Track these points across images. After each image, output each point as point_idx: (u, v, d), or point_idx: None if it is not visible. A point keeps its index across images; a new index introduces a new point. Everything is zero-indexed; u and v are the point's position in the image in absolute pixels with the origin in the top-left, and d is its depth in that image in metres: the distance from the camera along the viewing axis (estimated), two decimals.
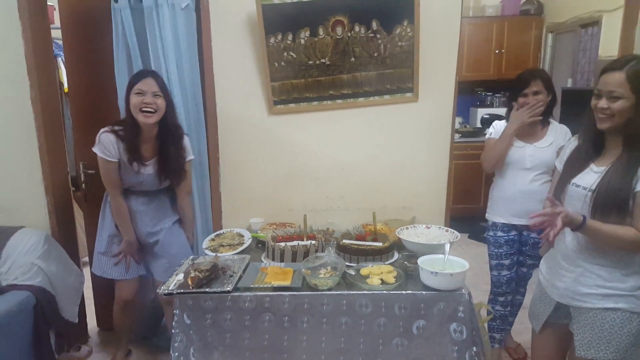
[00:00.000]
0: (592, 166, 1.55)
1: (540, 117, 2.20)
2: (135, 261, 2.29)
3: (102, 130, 2.06)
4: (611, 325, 1.50)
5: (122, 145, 2.04)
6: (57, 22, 2.97)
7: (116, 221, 2.19)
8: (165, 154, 2.10)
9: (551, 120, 2.30)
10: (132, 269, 2.29)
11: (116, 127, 2.07)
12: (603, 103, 1.45)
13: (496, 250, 2.37)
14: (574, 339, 1.58)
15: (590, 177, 1.52)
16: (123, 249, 2.23)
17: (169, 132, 2.09)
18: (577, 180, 1.56)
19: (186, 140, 2.19)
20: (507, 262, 2.36)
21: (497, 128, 2.35)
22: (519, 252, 2.38)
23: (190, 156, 2.21)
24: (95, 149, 2.05)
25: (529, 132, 2.26)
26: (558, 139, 2.22)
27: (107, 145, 2.03)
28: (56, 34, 2.77)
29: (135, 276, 2.32)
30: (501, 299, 2.42)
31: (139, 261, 2.31)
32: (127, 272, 2.27)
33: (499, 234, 2.35)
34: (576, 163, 1.60)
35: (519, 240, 2.35)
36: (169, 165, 2.11)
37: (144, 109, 1.97)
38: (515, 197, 2.26)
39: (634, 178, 1.42)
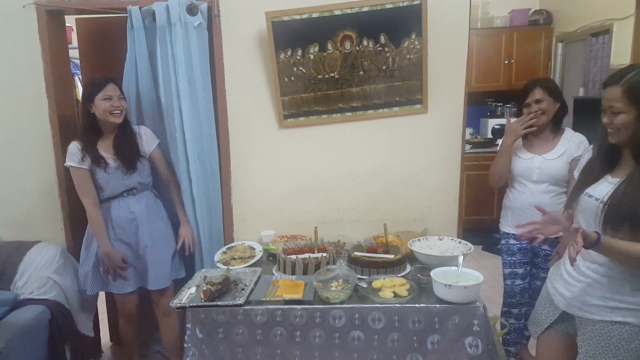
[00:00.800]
0: (607, 177, 1.51)
1: (534, 128, 2.16)
2: (134, 272, 2.24)
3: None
4: (618, 340, 1.45)
5: (86, 148, 2.16)
6: (74, 42, 3.06)
7: (92, 232, 2.20)
8: (121, 145, 2.21)
9: (567, 129, 2.25)
10: (131, 282, 2.24)
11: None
12: (606, 119, 1.44)
13: (509, 259, 2.34)
14: (579, 350, 1.54)
15: (604, 187, 1.48)
16: (106, 263, 2.18)
17: (124, 127, 2.22)
18: (590, 190, 1.52)
19: (145, 130, 2.30)
20: (520, 270, 2.32)
21: None
22: (532, 262, 2.34)
23: (156, 141, 2.30)
24: (66, 163, 2.16)
25: (539, 142, 2.23)
26: (570, 149, 2.16)
27: (74, 152, 2.14)
28: (73, 53, 2.85)
29: (134, 289, 2.27)
30: (515, 310, 2.38)
31: (135, 272, 2.25)
32: (125, 284, 2.22)
33: (511, 241, 2.32)
34: (591, 173, 1.57)
35: (532, 250, 2.31)
36: (127, 154, 2.20)
37: (114, 112, 2.13)
38: (524, 209, 2.22)
39: None
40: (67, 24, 2.58)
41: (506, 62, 4.81)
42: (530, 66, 4.78)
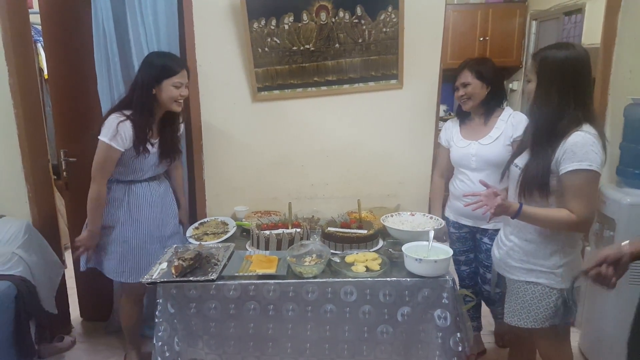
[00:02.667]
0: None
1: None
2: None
3: (115, 116, 1.95)
4: (532, 298, 1.64)
5: (138, 131, 1.99)
6: (35, 6, 2.88)
7: (90, 208, 2.03)
8: (165, 133, 2.13)
9: (506, 108, 2.14)
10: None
11: (126, 112, 1.98)
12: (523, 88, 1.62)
13: (451, 246, 2.30)
14: (505, 306, 1.74)
15: (527, 157, 1.62)
16: (83, 240, 2.06)
17: (174, 113, 2.12)
18: (517, 160, 1.67)
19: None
20: (462, 258, 2.31)
21: (447, 134, 2.26)
22: (474, 251, 2.29)
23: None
24: (103, 138, 1.93)
25: (473, 128, 2.15)
26: (508, 130, 2.04)
27: (123, 135, 1.94)
28: (35, 18, 2.69)
29: None
30: (469, 290, 2.34)
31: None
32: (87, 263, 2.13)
33: (452, 230, 2.29)
34: (521, 146, 1.71)
35: (472, 239, 2.27)
36: (169, 143, 2.14)
37: (178, 100, 2.03)
38: (467, 198, 2.02)
39: (553, 159, 1.51)
40: None
41: (481, 39, 4.81)
42: (505, 44, 4.80)
